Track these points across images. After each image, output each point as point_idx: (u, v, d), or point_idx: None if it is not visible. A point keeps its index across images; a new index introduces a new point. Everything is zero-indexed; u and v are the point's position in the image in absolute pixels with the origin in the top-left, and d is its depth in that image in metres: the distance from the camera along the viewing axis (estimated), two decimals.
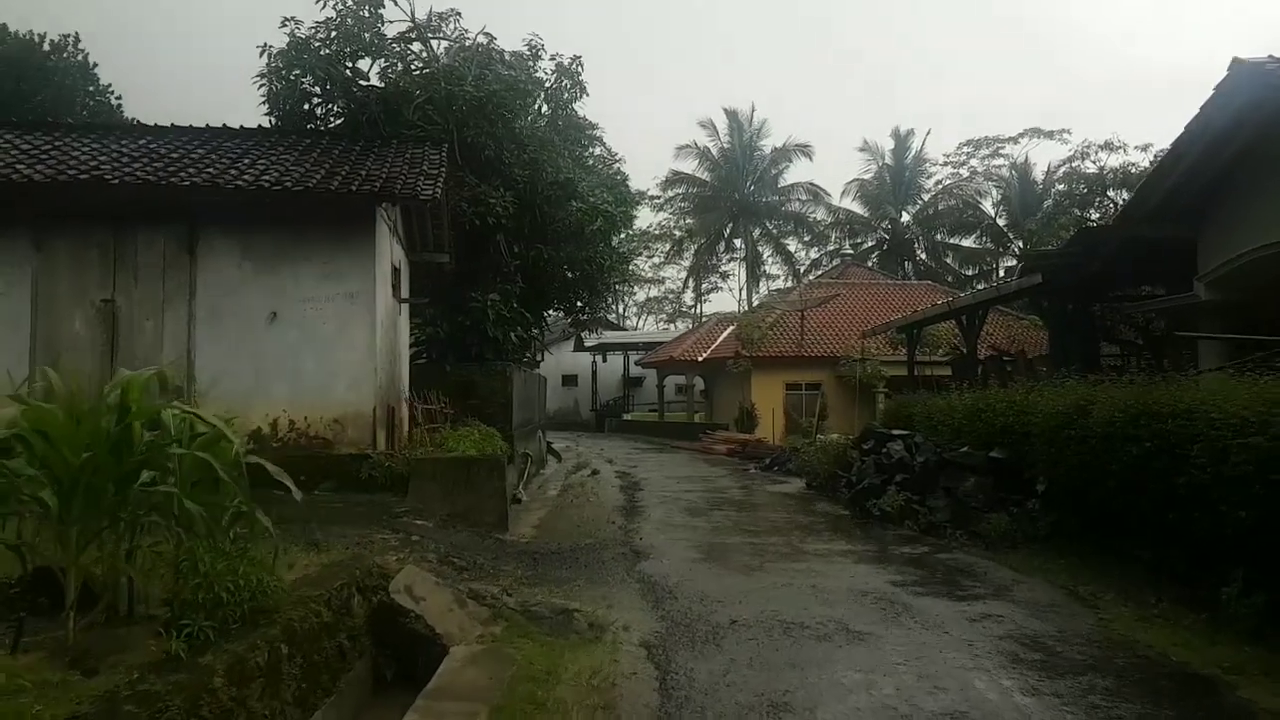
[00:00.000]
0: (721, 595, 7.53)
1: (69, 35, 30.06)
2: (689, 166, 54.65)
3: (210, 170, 11.31)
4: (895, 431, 14.68)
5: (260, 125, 13.65)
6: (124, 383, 4.93)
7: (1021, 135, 49.64)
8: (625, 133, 65.93)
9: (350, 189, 11.01)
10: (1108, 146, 41.32)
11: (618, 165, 24.46)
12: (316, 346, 11.37)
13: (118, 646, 4.60)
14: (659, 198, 58.04)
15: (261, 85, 15.82)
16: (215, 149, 12.36)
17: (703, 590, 7.71)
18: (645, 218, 60.23)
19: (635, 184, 53.31)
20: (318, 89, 16.22)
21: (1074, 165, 42.40)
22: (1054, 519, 10.30)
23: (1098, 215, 39.43)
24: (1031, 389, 11.80)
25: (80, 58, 30.09)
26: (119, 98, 30.27)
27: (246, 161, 11.77)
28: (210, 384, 11.20)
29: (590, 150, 23.94)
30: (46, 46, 28.47)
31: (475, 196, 16.30)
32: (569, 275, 21.23)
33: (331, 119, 16.56)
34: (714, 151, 53.97)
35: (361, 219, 11.55)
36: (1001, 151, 50.99)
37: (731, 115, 53.63)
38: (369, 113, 15.96)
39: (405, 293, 15.14)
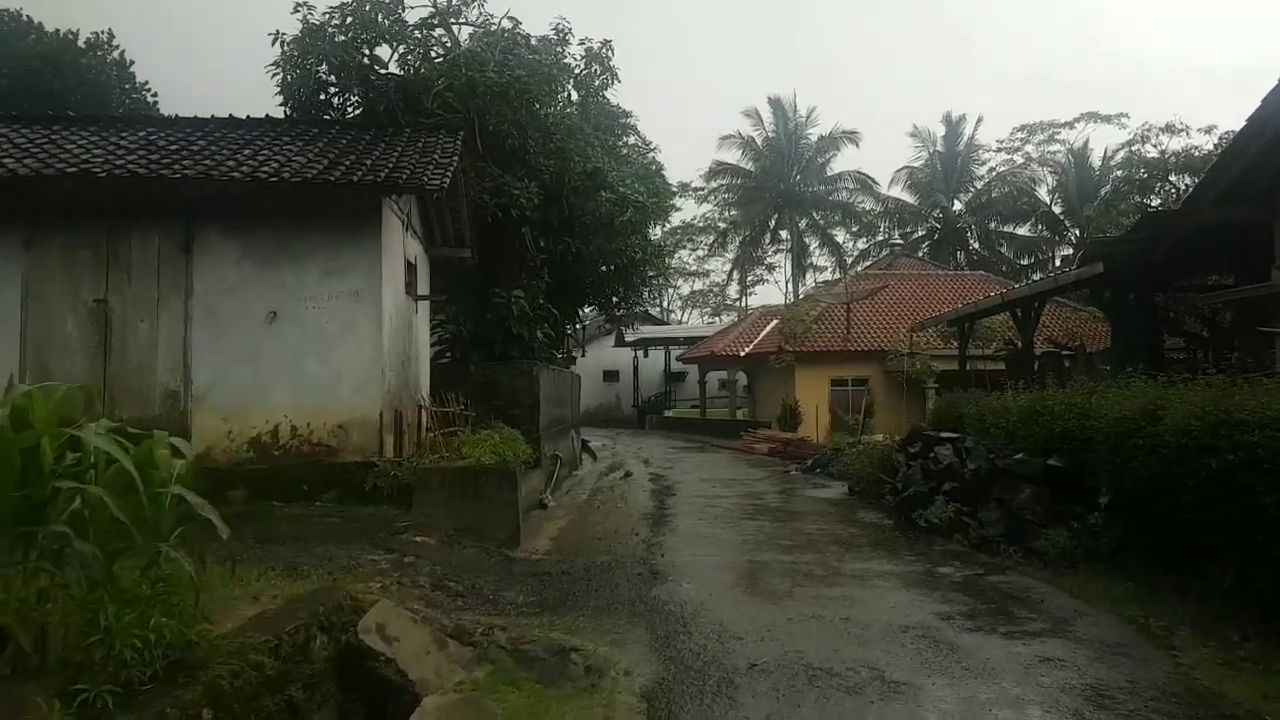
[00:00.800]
0: (742, 630, 6.67)
1: (103, 32, 30.08)
2: (733, 157, 53.60)
3: (208, 162, 10.74)
4: (944, 434, 13.62)
5: (268, 116, 13.08)
6: (18, 397, 4.24)
7: (1078, 120, 47.88)
8: (666, 125, 64.93)
9: (351, 180, 10.35)
10: (1169, 129, 39.42)
11: (653, 155, 23.60)
12: (319, 348, 10.75)
13: (11, 711, 3.93)
14: (702, 189, 57.16)
15: (276, 74, 15.28)
16: (217, 140, 11.82)
17: (722, 623, 6.86)
18: (689, 210, 59.36)
19: (679, 176, 52.58)
20: (333, 78, 15.65)
21: (1134, 149, 40.44)
22: (1119, 535, 9.24)
23: (1159, 201, 37.54)
24: (1093, 389, 10.72)
25: (116, 55, 30.10)
26: (155, 95, 30.23)
27: (247, 153, 11.19)
28: (207, 388, 10.69)
29: (623, 140, 23.12)
30: (82, 44, 28.42)
31: (498, 187, 15.59)
32: (602, 270, 20.45)
33: (348, 109, 15.98)
34: (758, 141, 52.79)
35: (367, 212, 10.90)
36: (1057, 137, 49.25)
37: (775, 104, 52.41)
38: (387, 102, 15.33)
39: (424, 289, 14.51)
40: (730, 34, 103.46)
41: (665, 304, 70.54)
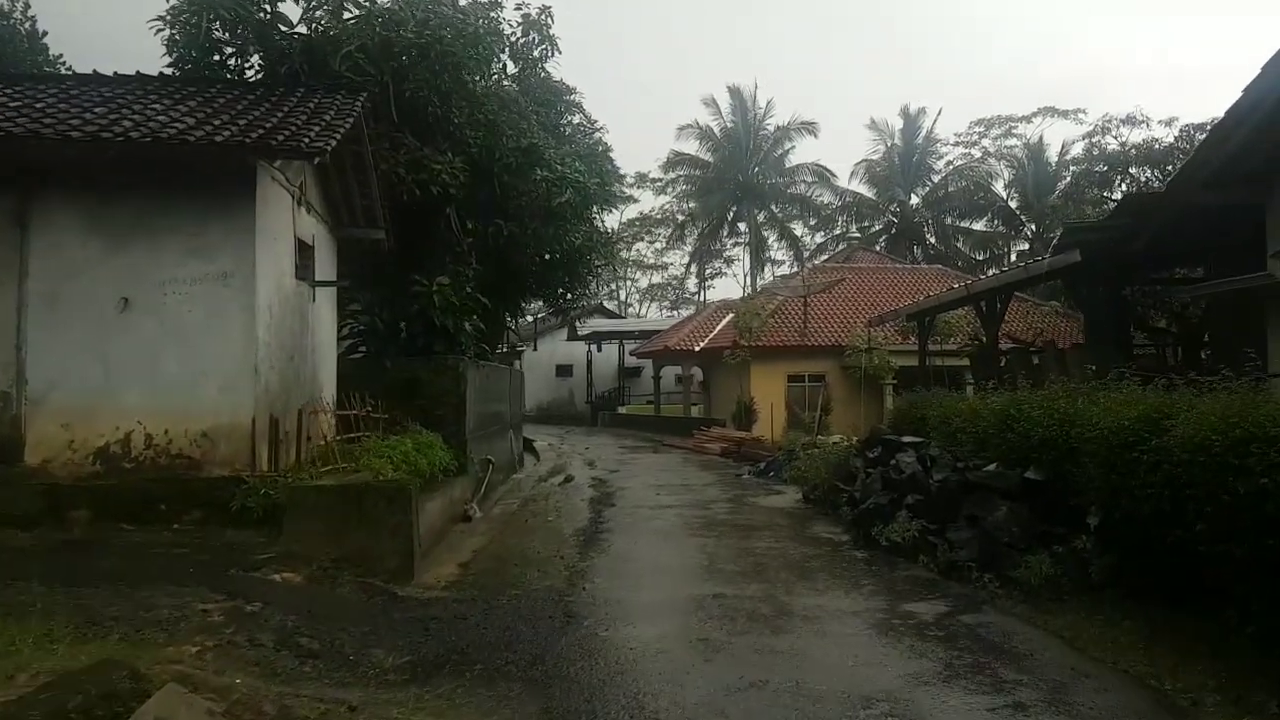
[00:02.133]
0: (665, 706, 5.22)
1: (17, 2, 27.83)
2: (691, 147, 52.31)
3: (48, 120, 9.00)
4: (906, 439, 12.32)
5: (139, 72, 11.31)
6: None
7: (1035, 114, 47.37)
8: (624, 116, 63.27)
9: (214, 140, 8.69)
10: (1130, 121, 38.76)
11: (599, 135, 22.02)
12: (180, 341, 9.09)
13: None
14: (660, 180, 55.81)
15: (160, 30, 13.47)
16: (70, 98, 10.05)
17: (639, 696, 5.39)
18: (647, 201, 57.99)
19: (637, 167, 51.03)
20: (228, 35, 13.85)
21: (1094, 140, 39.75)
22: (1110, 563, 7.97)
23: (1120, 194, 36.95)
24: (1074, 392, 9.48)
25: (27, 26, 27.86)
26: (69, 68, 27.94)
27: (100, 110, 9.46)
28: (47, 388, 9.00)
29: (567, 119, 21.55)
30: None
31: (416, 161, 13.96)
32: (545, 258, 18.88)
33: (246, 73, 14.20)
34: (716, 131, 51.52)
35: (238, 180, 9.24)
36: (1014, 131, 48.67)
37: (735, 92, 51.17)
38: (290, 64, 13.60)
39: (329, 274, 12.84)
40: (689, 22, 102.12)
41: (624, 297, 69.18)
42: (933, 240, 50.96)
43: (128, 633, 5.57)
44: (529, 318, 38.38)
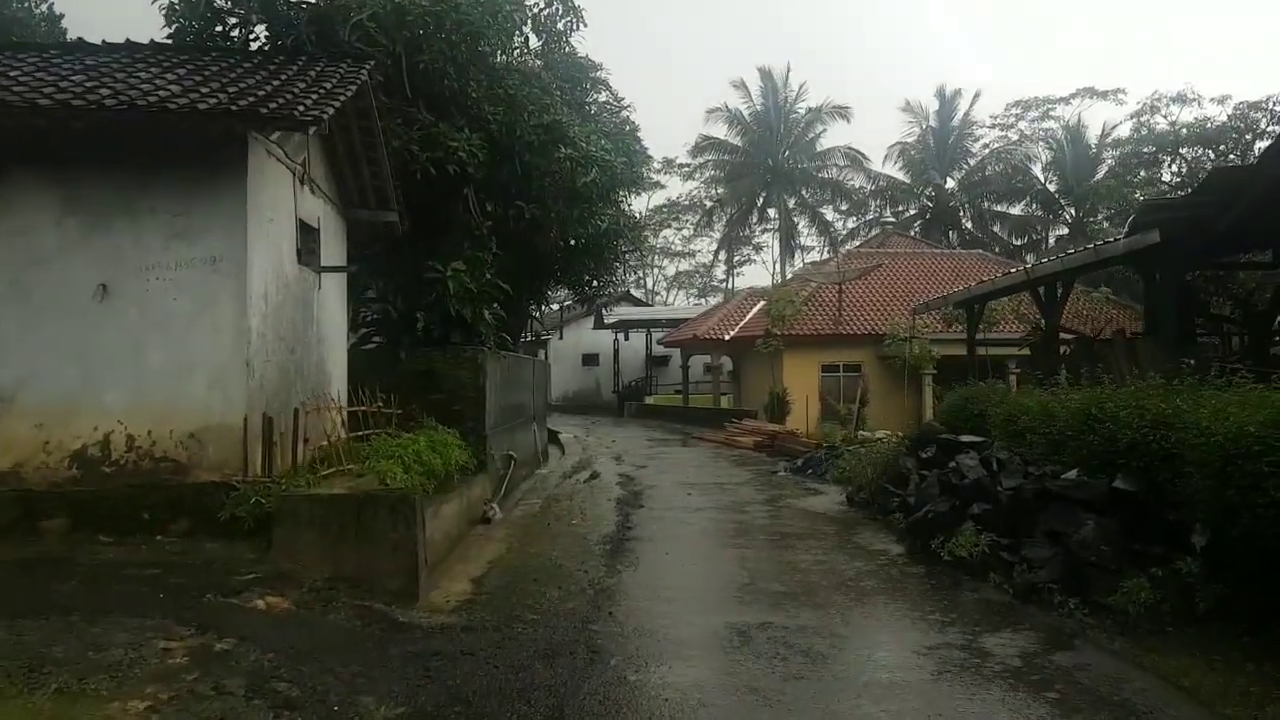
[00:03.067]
0: None
1: None
2: (720, 131, 50.91)
3: (18, 89, 8.11)
4: (965, 438, 11.23)
5: (128, 40, 10.41)
6: None
7: (1074, 96, 45.46)
8: (651, 101, 61.77)
9: (197, 107, 7.75)
10: (1181, 99, 36.85)
11: (626, 114, 20.94)
12: (163, 333, 8.18)
13: None
14: (688, 165, 54.54)
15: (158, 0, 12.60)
16: (50, 67, 9.16)
17: None
18: (674, 187, 56.72)
19: (665, 153, 49.84)
20: (229, 4, 12.94)
21: (1142, 120, 37.91)
22: (1222, 591, 6.86)
23: (1174, 177, 35.22)
24: (1168, 388, 8.35)
25: (44, 9, 27.36)
26: None
27: (78, 79, 8.56)
28: (17, 385, 8.14)
29: (594, 96, 20.52)
30: None
31: (430, 137, 12.99)
32: (570, 243, 17.89)
33: (251, 45, 13.27)
34: (746, 114, 50.07)
35: (228, 154, 8.31)
36: (1052, 114, 46.80)
37: (765, 75, 49.67)
38: (296, 34, 12.66)
39: (338, 259, 11.93)
40: (718, 4, 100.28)
41: (650, 285, 68.04)
42: (969, 225, 49.36)
43: (68, 682, 4.67)
44: (555, 306, 37.45)
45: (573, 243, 17.90)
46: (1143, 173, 36.90)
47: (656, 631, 6.73)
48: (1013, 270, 16.67)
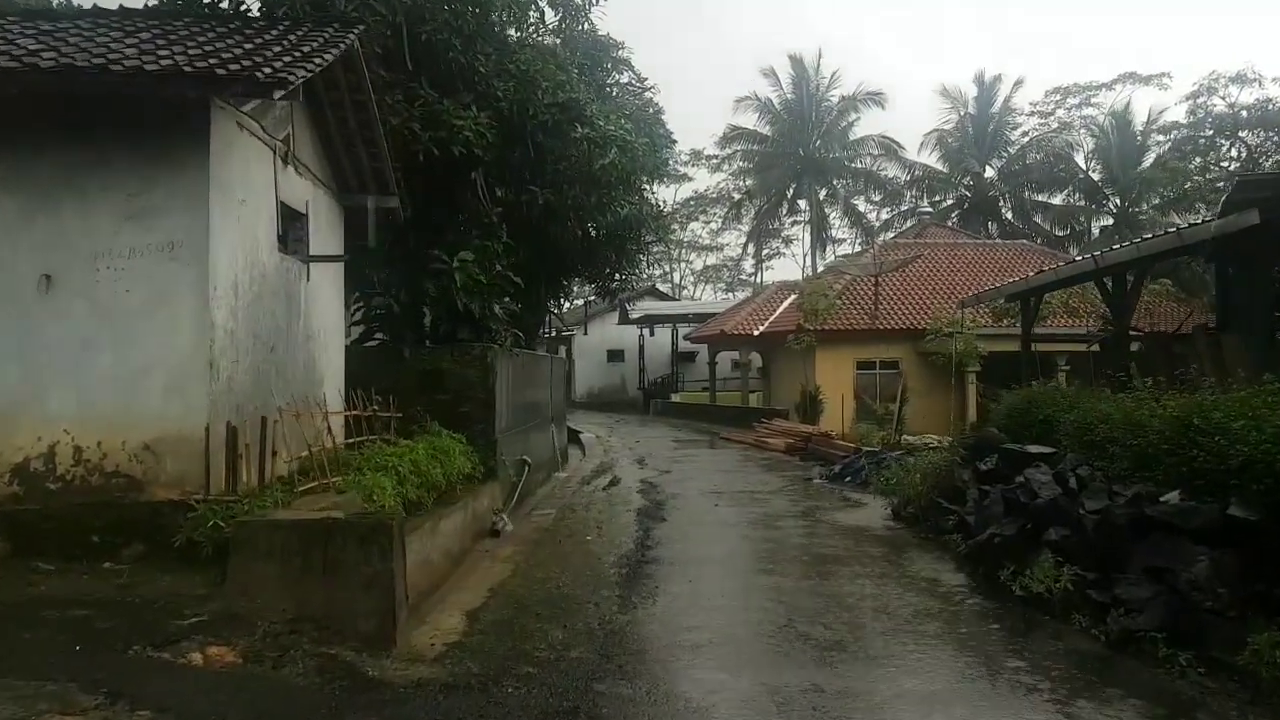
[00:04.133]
0: None
1: None
2: (749, 121, 49.44)
3: None
4: (1032, 448, 9.93)
5: (95, 5, 9.46)
6: None
7: (1116, 81, 43.63)
8: (681, 89, 60.23)
9: (143, 68, 6.67)
10: (1240, 79, 34.87)
11: (649, 95, 19.72)
12: (115, 329, 7.13)
13: None
14: (716, 156, 53.19)
15: None
16: (1, 33, 8.14)
17: None
18: (702, 179, 55.38)
19: (692, 145, 48.50)
20: None
21: (1198, 101, 35.96)
22: None
23: (1233, 163, 33.37)
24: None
25: None
26: None
27: (27, 43, 7.51)
28: None
29: (615, 77, 19.32)
30: None
31: (433, 115, 11.87)
32: (590, 233, 16.71)
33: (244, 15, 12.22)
34: (776, 103, 48.58)
35: (187, 125, 7.24)
36: (1093, 100, 44.90)
37: (796, 62, 48.14)
38: (290, 4, 11.59)
39: (332, 248, 10.86)
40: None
41: (677, 279, 66.72)
42: (1009, 215, 47.54)
43: None
44: (578, 300, 36.33)
45: (592, 232, 16.72)
46: (1197, 160, 35.08)
47: (676, 696, 5.53)
48: (1078, 259, 15.25)
